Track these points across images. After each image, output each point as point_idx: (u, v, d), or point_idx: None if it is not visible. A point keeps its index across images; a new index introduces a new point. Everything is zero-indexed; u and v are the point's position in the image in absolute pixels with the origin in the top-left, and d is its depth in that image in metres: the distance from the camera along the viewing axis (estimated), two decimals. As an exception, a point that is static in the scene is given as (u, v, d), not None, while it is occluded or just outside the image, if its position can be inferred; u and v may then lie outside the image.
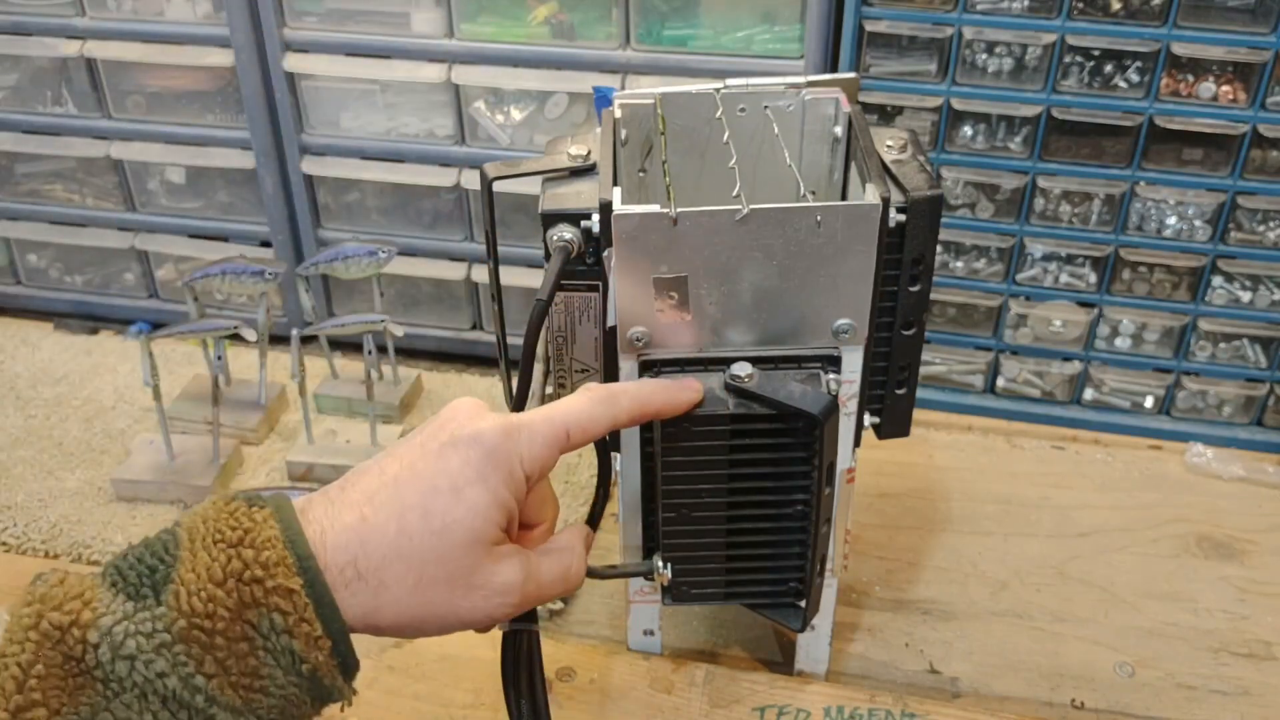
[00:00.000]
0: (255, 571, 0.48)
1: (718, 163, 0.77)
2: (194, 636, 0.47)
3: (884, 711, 0.83)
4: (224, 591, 0.48)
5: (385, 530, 0.52)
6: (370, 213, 1.29)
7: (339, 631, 0.50)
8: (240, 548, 0.49)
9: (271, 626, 0.48)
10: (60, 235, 1.36)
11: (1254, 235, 1.08)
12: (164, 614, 0.47)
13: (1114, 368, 1.18)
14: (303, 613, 0.49)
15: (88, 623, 0.47)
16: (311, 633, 0.49)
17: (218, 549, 0.49)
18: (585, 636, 0.93)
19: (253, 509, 0.51)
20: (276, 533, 0.50)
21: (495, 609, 0.55)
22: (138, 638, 0.47)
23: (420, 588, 0.52)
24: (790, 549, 0.73)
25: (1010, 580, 1.00)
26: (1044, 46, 1.03)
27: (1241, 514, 1.08)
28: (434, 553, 0.52)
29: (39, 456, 1.16)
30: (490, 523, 0.54)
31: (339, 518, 0.52)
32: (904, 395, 0.80)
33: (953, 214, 1.12)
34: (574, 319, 0.76)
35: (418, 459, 0.54)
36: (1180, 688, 0.90)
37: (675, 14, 1.12)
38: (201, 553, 0.49)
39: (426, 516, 0.52)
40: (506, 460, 0.55)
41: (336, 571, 0.50)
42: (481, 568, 0.53)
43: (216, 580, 0.48)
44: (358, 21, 1.18)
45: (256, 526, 0.50)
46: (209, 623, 0.48)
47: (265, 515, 0.50)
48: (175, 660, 0.47)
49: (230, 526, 0.50)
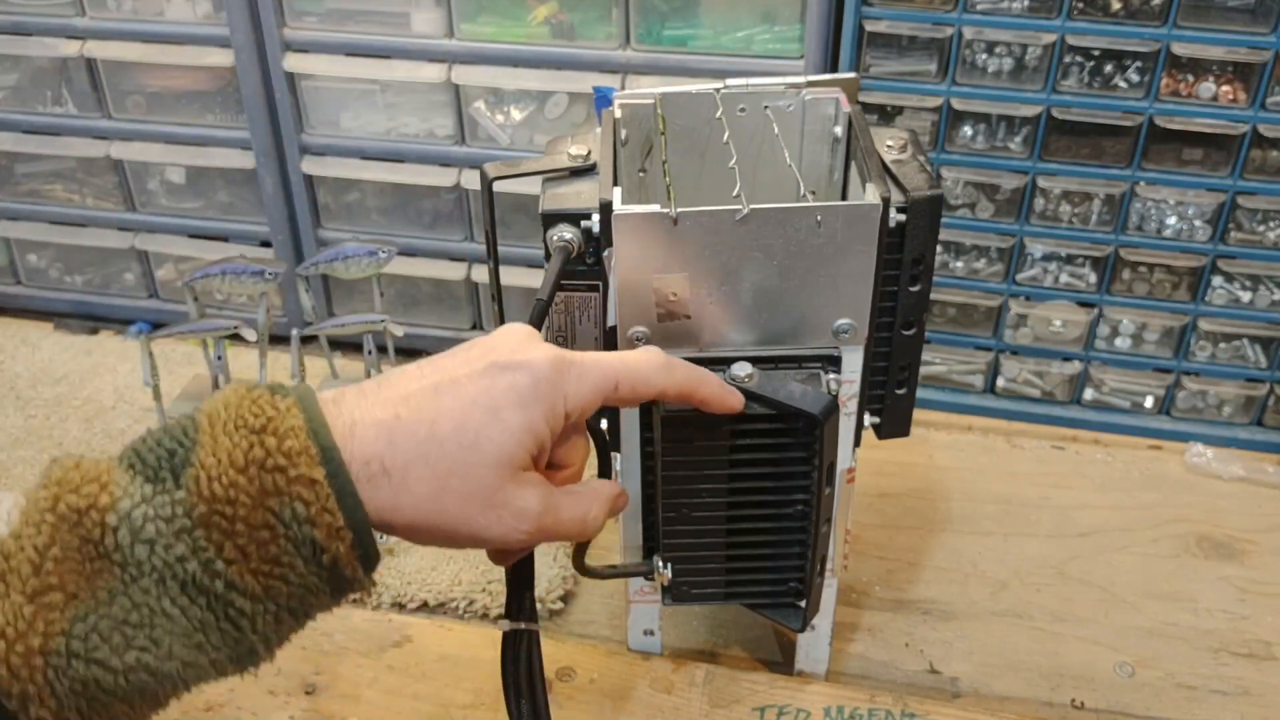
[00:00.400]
0: (278, 459, 0.48)
1: (718, 163, 0.77)
2: (214, 522, 0.47)
3: (884, 711, 0.83)
4: (245, 478, 0.47)
5: (416, 432, 0.51)
6: (370, 213, 1.29)
7: (361, 523, 0.49)
8: (263, 434, 0.48)
9: (294, 515, 0.48)
10: (60, 235, 1.36)
11: (1254, 235, 1.08)
12: (184, 498, 0.47)
13: (1114, 368, 1.18)
14: (325, 503, 0.48)
15: (106, 506, 0.46)
16: (334, 523, 0.48)
17: (239, 435, 0.48)
18: (585, 636, 0.93)
19: (275, 396, 0.50)
20: (300, 422, 0.49)
21: (509, 532, 0.54)
22: (157, 522, 0.46)
23: (441, 495, 0.51)
24: (790, 549, 0.73)
25: (1010, 580, 1.00)
26: (1044, 46, 1.03)
27: (1241, 514, 1.08)
28: (461, 464, 0.51)
29: (39, 456, 1.16)
30: (521, 448, 0.53)
31: (371, 412, 0.51)
32: (904, 395, 0.80)
33: (953, 214, 1.12)
34: (574, 319, 0.76)
35: (462, 373, 0.53)
36: (1180, 688, 0.90)
37: (675, 14, 1.12)
38: (223, 437, 0.48)
39: (460, 429, 0.51)
40: (551, 393, 0.54)
41: (362, 463, 0.50)
42: (504, 489, 0.52)
43: (238, 466, 0.47)
44: (358, 21, 1.18)
45: (280, 415, 0.49)
46: (230, 509, 0.47)
47: (289, 404, 0.49)
48: (195, 545, 0.46)
49: (253, 413, 0.49)
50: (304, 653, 0.87)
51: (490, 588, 0.97)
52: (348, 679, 0.86)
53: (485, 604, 0.96)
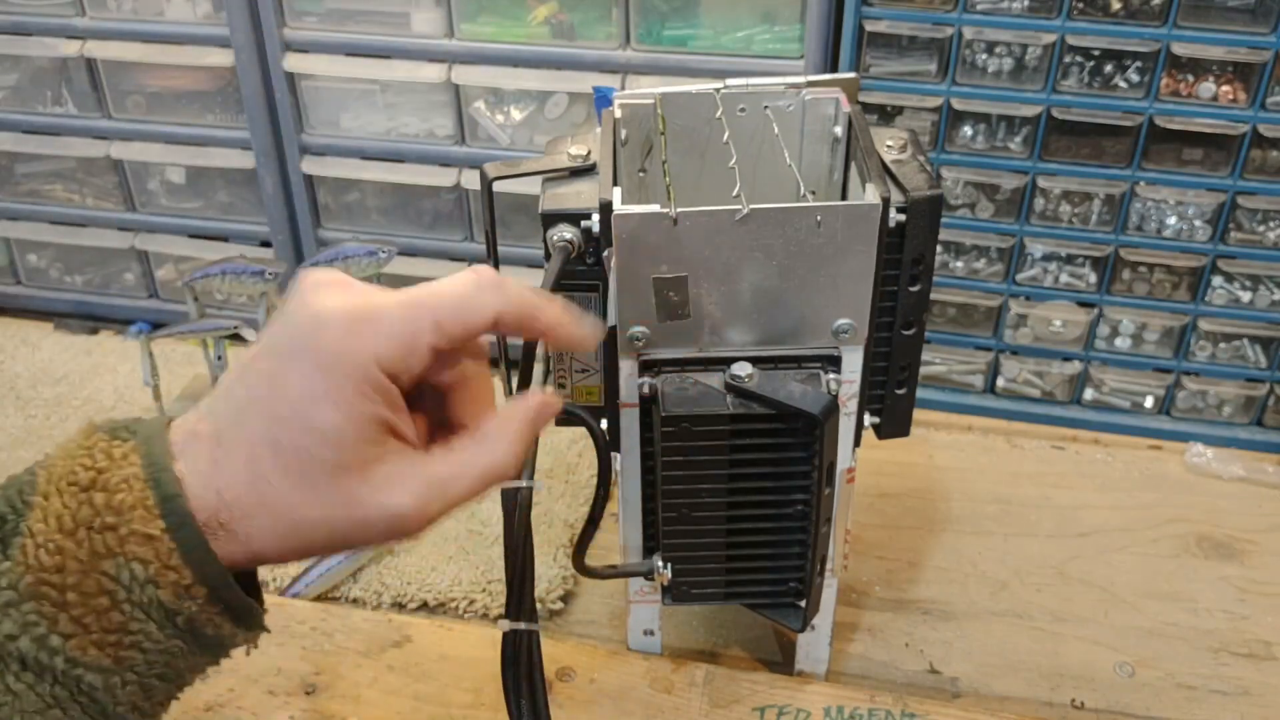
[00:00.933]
0: (107, 518, 0.42)
1: (718, 163, 0.77)
2: (44, 593, 0.42)
3: (884, 711, 0.83)
4: (74, 542, 0.42)
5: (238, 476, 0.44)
6: (370, 213, 1.28)
7: (216, 575, 0.43)
8: (91, 491, 0.43)
9: (133, 577, 0.42)
10: (60, 235, 1.36)
11: (1254, 235, 1.08)
12: (9, 569, 0.42)
13: (1114, 368, 1.18)
14: (166, 560, 0.42)
15: None
16: (180, 581, 0.43)
17: (69, 493, 0.43)
18: (585, 636, 0.93)
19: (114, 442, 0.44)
20: (136, 470, 0.43)
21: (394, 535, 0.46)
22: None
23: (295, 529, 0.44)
24: (790, 549, 0.73)
25: (1010, 580, 1.00)
26: (1044, 46, 1.03)
27: (1241, 514, 1.08)
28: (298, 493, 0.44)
29: (39, 456, 1.15)
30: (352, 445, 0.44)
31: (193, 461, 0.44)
32: (904, 395, 0.80)
33: (953, 214, 1.12)
34: (574, 319, 0.76)
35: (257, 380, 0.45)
36: (1180, 688, 0.90)
37: (675, 14, 1.12)
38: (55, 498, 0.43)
39: (278, 453, 0.44)
40: (357, 366, 0.44)
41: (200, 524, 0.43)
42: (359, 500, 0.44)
43: (66, 529, 0.42)
44: (358, 21, 1.18)
45: (113, 464, 0.43)
46: (59, 577, 0.42)
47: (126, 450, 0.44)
48: (25, 620, 0.42)
49: (83, 465, 0.44)
50: (304, 653, 0.87)
51: (490, 588, 0.97)
52: (348, 679, 0.86)
53: (485, 604, 0.96)
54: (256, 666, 0.51)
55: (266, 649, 0.50)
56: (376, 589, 0.97)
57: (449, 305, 0.47)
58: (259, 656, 0.50)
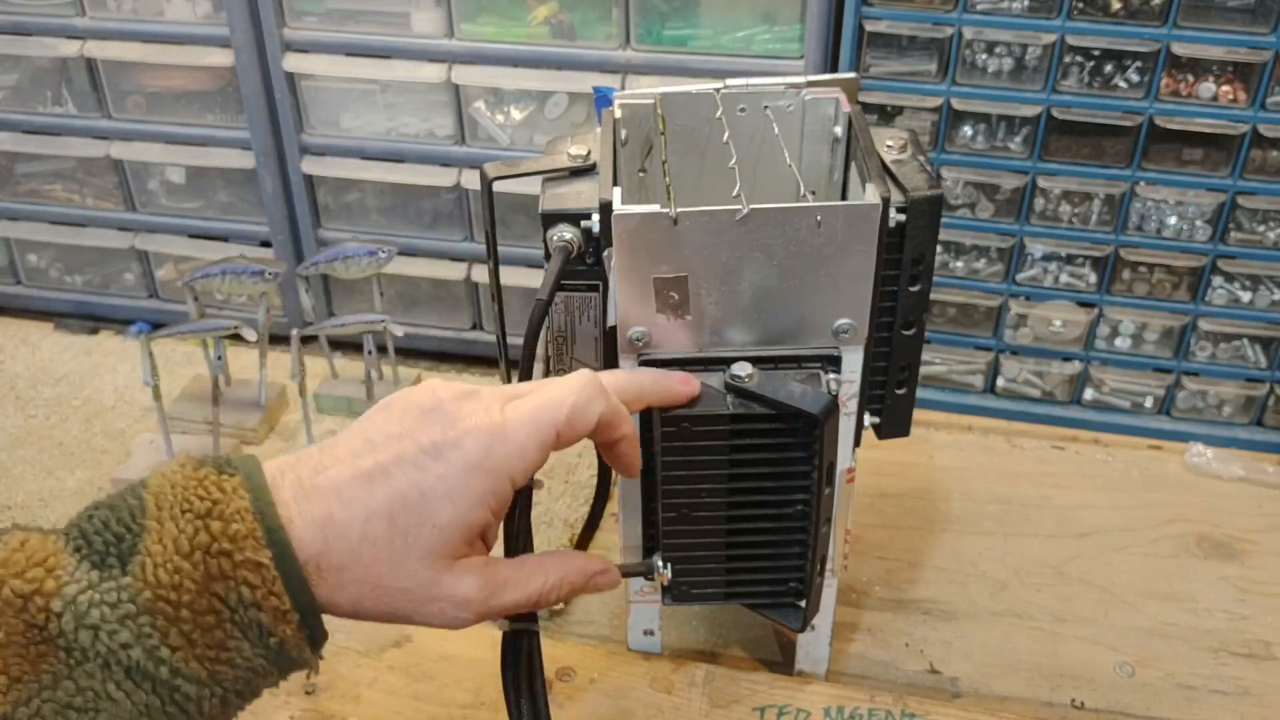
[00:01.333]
0: (223, 544, 0.48)
1: (718, 163, 0.77)
2: (159, 609, 0.47)
3: (884, 711, 0.83)
4: (190, 564, 0.47)
5: (349, 533, 0.51)
6: (370, 213, 1.29)
7: (308, 605, 0.50)
8: (209, 519, 0.48)
9: (240, 600, 0.48)
10: (60, 235, 1.36)
11: (1254, 235, 1.08)
12: (129, 584, 0.47)
13: (1114, 368, 1.18)
14: (271, 586, 0.48)
15: (51, 591, 0.46)
16: (280, 606, 0.49)
17: (185, 519, 0.48)
18: (585, 636, 0.93)
19: (222, 476, 0.50)
20: (246, 504, 0.49)
21: (452, 620, 0.54)
22: (102, 608, 0.46)
23: (376, 593, 0.52)
24: (790, 549, 0.73)
25: (1010, 580, 1.00)
26: (1044, 46, 1.03)
27: (1241, 514, 1.08)
28: (393, 564, 0.51)
29: (39, 456, 1.16)
30: (455, 542, 0.52)
31: (307, 508, 0.51)
32: (904, 395, 0.80)
33: (953, 214, 1.12)
34: (574, 319, 0.76)
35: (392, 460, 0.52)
36: (1180, 688, 0.90)
37: (675, 14, 1.12)
38: (169, 523, 0.48)
39: (392, 527, 0.51)
40: (490, 478, 0.53)
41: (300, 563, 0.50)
42: (439, 583, 0.53)
43: (183, 552, 0.47)
44: (358, 21, 1.18)
45: (225, 497, 0.49)
46: (175, 594, 0.47)
47: (235, 484, 0.49)
48: (140, 632, 0.46)
49: (199, 496, 0.49)
50: (304, 653, 0.87)
51: (490, 588, 0.97)
52: (348, 679, 0.86)
53: (485, 604, 0.96)
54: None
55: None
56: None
57: (569, 417, 0.55)
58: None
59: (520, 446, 0.53)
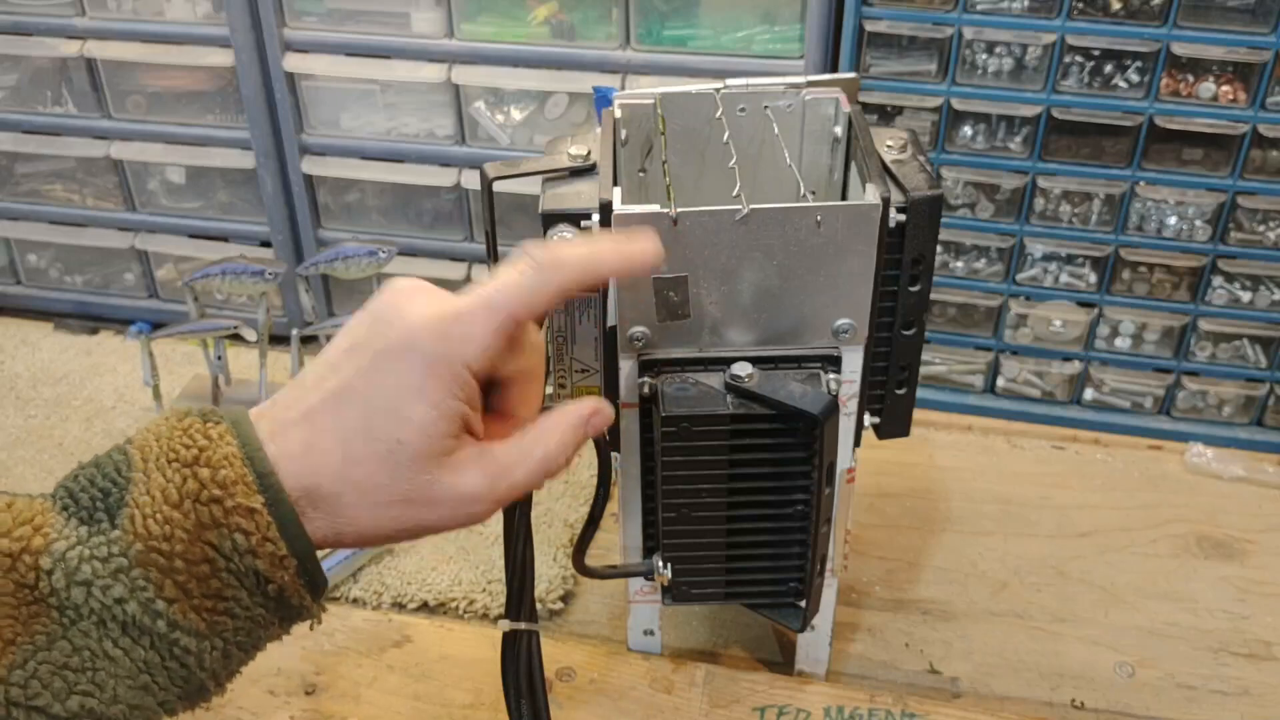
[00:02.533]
0: (213, 491, 0.46)
1: (718, 163, 0.77)
2: (152, 560, 0.46)
3: (884, 711, 0.83)
4: (180, 513, 0.46)
5: (331, 458, 0.49)
6: (370, 213, 1.29)
7: (304, 550, 0.48)
8: (196, 466, 0.47)
9: (234, 547, 0.46)
10: (60, 235, 1.36)
11: (1254, 235, 1.08)
12: (119, 538, 0.46)
13: (1114, 368, 1.18)
14: (265, 532, 0.47)
15: (39, 549, 0.45)
16: (276, 552, 0.47)
17: (172, 469, 0.47)
18: (585, 636, 0.93)
19: (208, 424, 0.48)
20: (234, 449, 0.47)
21: (465, 518, 0.52)
22: (93, 562, 0.45)
23: (378, 509, 0.49)
24: (790, 549, 0.73)
25: (1010, 580, 1.00)
26: (1044, 46, 1.03)
27: (1241, 514, 1.08)
28: (385, 476, 0.49)
29: (39, 456, 1.16)
30: (438, 437, 0.49)
31: (286, 445, 0.49)
32: (904, 395, 0.80)
33: (953, 214, 1.12)
34: (574, 319, 0.76)
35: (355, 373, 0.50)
36: (1180, 688, 0.90)
37: (675, 14, 1.12)
38: (155, 473, 0.47)
39: (370, 440, 0.49)
40: (447, 366, 0.49)
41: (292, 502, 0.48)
42: (439, 483, 0.50)
43: (172, 502, 0.46)
44: (358, 21, 1.18)
45: (212, 444, 0.47)
46: (167, 545, 0.46)
47: (221, 431, 0.48)
48: (134, 585, 0.45)
49: (184, 444, 0.47)
50: (304, 653, 0.87)
51: (490, 588, 0.97)
52: (348, 679, 0.86)
53: (485, 604, 0.96)
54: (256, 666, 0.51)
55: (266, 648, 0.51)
56: (376, 589, 0.97)
57: (519, 298, 0.51)
58: (259, 656, 0.51)
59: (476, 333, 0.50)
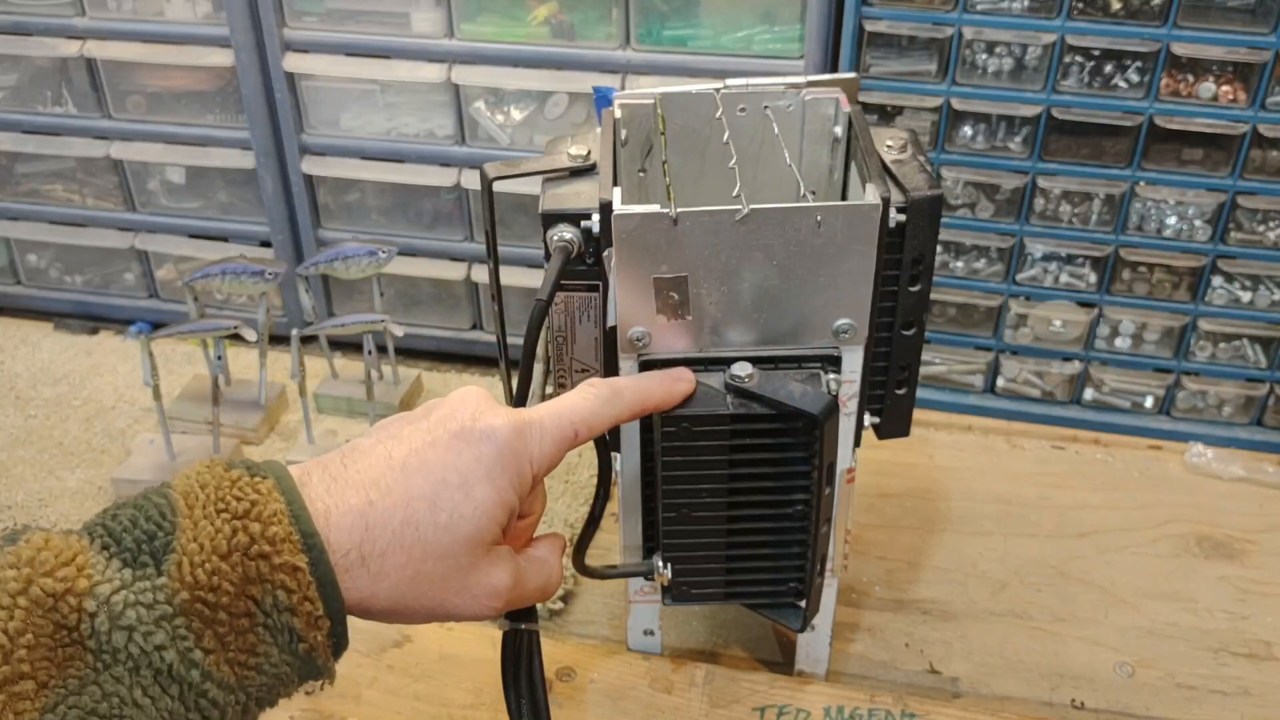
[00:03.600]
0: (262, 546, 0.47)
1: (718, 163, 0.77)
2: (196, 610, 0.46)
3: (884, 711, 0.83)
4: (229, 565, 0.46)
5: (391, 518, 0.51)
6: (370, 213, 1.29)
7: (338, 612, 0.49)
8: (247, 520, 0.47)
9: (275, 604, 0.47)
10: (60, 235, 1.36)
11: (1254, 235, 1.08)
12: (165, 584, 0.46)
13: (1114, 368, 1.18)
14: (306, 591, 0.48)
15: (83, 591, 0.45)
16: (314, 612, 0.48)
17: (221, 519, 0.47)
18: (585, 636, 0.93)
19: (255, 479, 0.49)
20: (282, 506, 0.48)
21: (481, 609, 0.55)
22: (138, 608, 0.45)
23: (417, 580, 0.52)
24: (790, 549, 0.73)
25: (1010, 580, 1.00)
26: (1044, 46, 1.03)
27: (1241, 514, 1.08)
28: (436, 547, 0.52)
29: (39, 456, 1.16)
30: (494, 522, 0.53)
31: (344, 498, 0.51)
32: (904, 395, 0.80)
33: (953, 214, 1.12)
34: (574, 319, 0.76)
35: (425, 447, 0.53)
36: (1180, 688, 0.90)
37: (675, 14, 1.12)
38: (204, 522, 0.47)
39: (434, 509, 0.52)
40: (517, 460, 0.54)
41: (340, 553, 0.49)
42: (477, 568, 0.53)
43: (221, 553, 0.46)
44: (358, 21, 1.17)
45: (262, 499, 0.48)
46: (213, 596, 0.46)
47: (269, 487, 0.49)
48: (175, 633, 0.45)
49: (235, 496, 0.48)
50: (304, 653, 0.87)
51: (490, 588, 0.97)
52: (348, 679, 0.86)
53: (485, 604, 0.96)
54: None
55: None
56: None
57: (584, 417, 0.58)
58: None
59: (543, 438, 0.56)
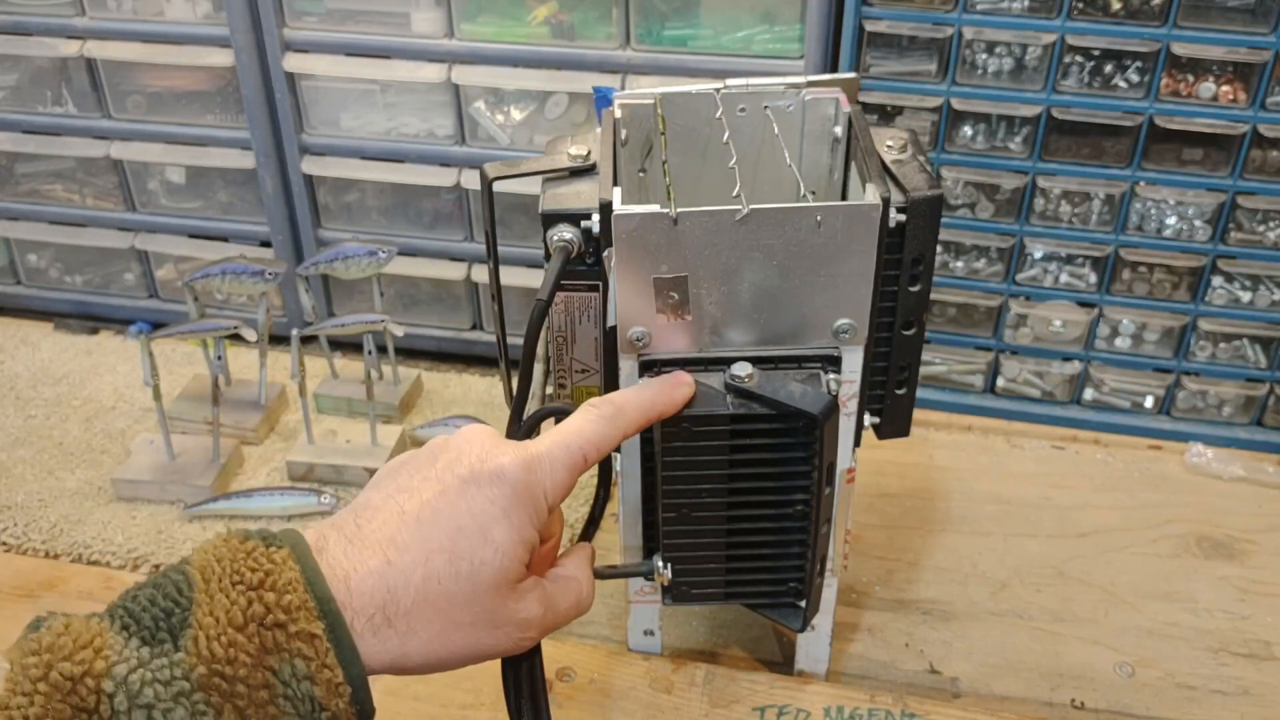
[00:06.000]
0: (278, 616, 0.47)
1: (718, 163, 0.77)
2: (214, 684, 0.46)
3: (884, 711, 0.83)
4: (244, 636, 0.46)
5: (412, 575, 0.50)
6: (370, 213, 1.28)
7: (358, 677, 0.49)
8: (261, 590, 0.47)
9: (293, 673, 0.47)
10: (60, 235, 1.36)
11: (1254, 235, 1.08)
12: (182, 660, 0.46)
13: (1114, 368, 1.18)
14: (324, 658, 0.47)
15: (101, 672, 0.45)
16: (333, 679, 0.48)
17: (236, 591, 0.47)
18: (585, 636, 0.93)
19: (270, 549, 0.49)
20: (297, 574, 0.48)
21: (516, 644, 0.55)
22: (155, 685, 0.45)
23: (447, 631, 0.51)
24: (790, 549, 0.73)
25: (1010, 580, 1.00)
26: (1044, 46, 1.03)
27: (1241, 514, 1.08)
28: (461, 596, 0.51)
29: (39, 456, 1.16)
30: (516, 561, 0.53)
31: (362, 561, 0.50)
32: (904, 395, 0.80)
33: (953, 214, 1.12)
34: (574, 319, 0.76)
35: (436, 496, 0.53)
36: (1180, 688, 0.90)
37: (675, 14, 1.12)
38: (219, 595, 0.47)
39: (454, 560, 0.51)
40: (531, 495, 0.54)
41: (365, 619, 0.49)
42: (505, 607, 0.53)
43: (237, 625, 0.46)
44: (358, 21, 1.17)
45: (277, 568, 0.48)
46: (230, 669, 0.46)
47: (284, 555, 0.49)
48: (194, 709, 0.45)
49: (250, 568, 0.48)
50: (304, 653, 0.87)
51: (490, 588, 0.97)
52: (348, 679, 0.85)
53: (485, 604, 0.96)
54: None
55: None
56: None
57: (591, 439, 0.58)
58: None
59: (554, 469, 0.56)
